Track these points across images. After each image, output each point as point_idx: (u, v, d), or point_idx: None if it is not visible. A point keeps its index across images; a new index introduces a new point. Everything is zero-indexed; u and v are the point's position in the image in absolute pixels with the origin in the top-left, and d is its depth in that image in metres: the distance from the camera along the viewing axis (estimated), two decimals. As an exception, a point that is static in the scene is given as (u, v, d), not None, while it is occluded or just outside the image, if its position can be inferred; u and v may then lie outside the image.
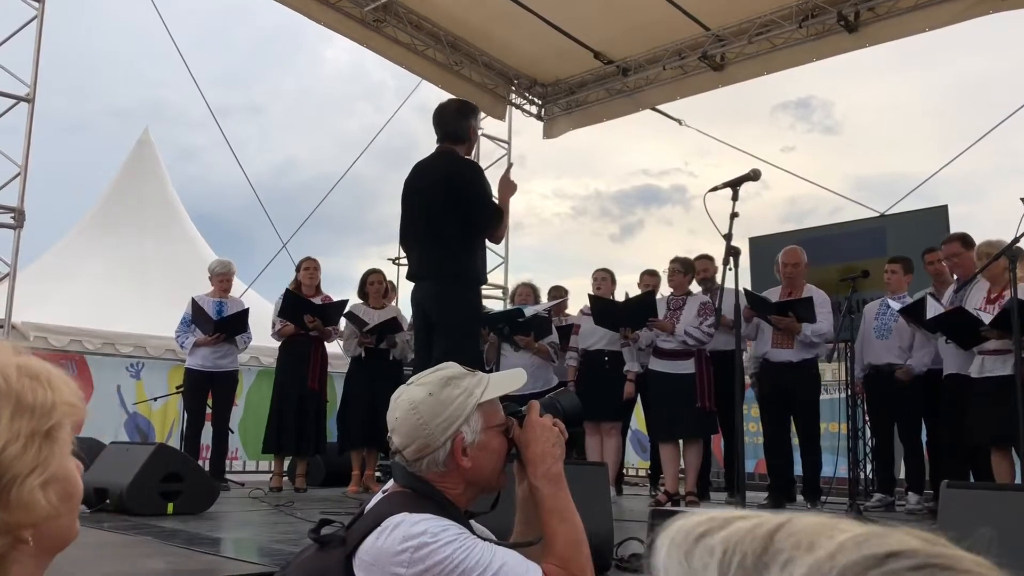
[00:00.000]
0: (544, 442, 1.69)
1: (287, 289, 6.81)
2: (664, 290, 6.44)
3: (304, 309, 6.59)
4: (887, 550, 0.36)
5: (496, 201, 4.43)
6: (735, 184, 3.95)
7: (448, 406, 1.63)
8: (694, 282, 6.34)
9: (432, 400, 1.63)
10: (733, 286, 4.06)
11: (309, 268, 6.86)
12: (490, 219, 4.30)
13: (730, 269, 3.93)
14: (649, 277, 6.81)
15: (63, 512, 0.79)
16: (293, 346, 6.70)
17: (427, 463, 1.63)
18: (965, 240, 5.56)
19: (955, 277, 5.73)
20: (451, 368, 1.71)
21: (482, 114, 9.81)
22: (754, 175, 3.99)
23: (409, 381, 1.72)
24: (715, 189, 4.01)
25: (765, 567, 0.35)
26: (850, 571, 0.35)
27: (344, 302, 6.75)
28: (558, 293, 7.40)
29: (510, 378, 1.79)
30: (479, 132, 4.65)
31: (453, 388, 1.65)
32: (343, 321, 6.76)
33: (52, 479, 0.78)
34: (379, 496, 1.71)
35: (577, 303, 7.28)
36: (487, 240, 4.41)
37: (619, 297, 6.64)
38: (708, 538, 0.38)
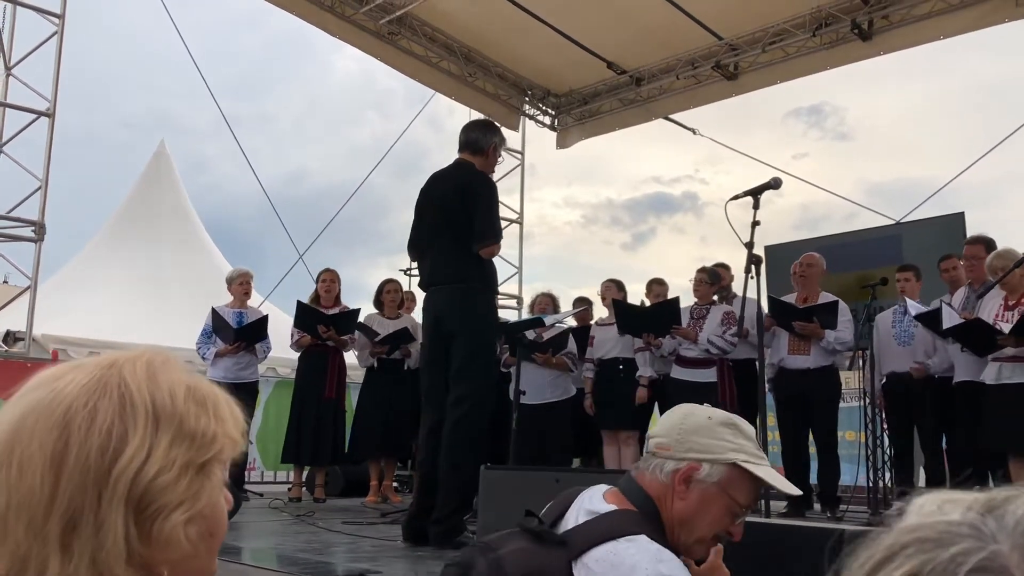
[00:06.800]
0: None
1: (298, 301, 6.85)
2: (682, 298, 6.42)
3: (316, 319, 6.64)
4: None
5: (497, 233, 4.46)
6: (756, 193, 3.96)
7: (712, 438, 1.59)
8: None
9: (706, 423, 1.61)
10: (755, 295, 4.05)
11: (326, 280, 6.90)
12: (485, 234, 4.31)
13: (752, 278, 3.93)
14: (657, 286, 6.77)
15: (202, 552, 0.75)
16: (311, 356, 6.74)
17: (656, 464, 1.60)
18: (989, 245, 5.54)
19: (969, 281, 5.71)
20: (744, 423, 1.66)
21: (505, 130, 9.87)
22: (775, 183, 3.99)
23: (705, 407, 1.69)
24: (736, 198, 4.00)
25: (998, 508, 0.48)
26: None
27: (356, 311, 6.77)
28: (583, 303, 7.40)
29: (776, 476, 1.68)
30: (500, 157, 4.68)
31: (730, 431, 1.61)
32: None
33: (198, 516, 0.73)
34: (597, 498, 1.61)
35: (597, 313, 7.28)
36: (478, 252, 4.35)
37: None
38: (955, 500, 0.50)
